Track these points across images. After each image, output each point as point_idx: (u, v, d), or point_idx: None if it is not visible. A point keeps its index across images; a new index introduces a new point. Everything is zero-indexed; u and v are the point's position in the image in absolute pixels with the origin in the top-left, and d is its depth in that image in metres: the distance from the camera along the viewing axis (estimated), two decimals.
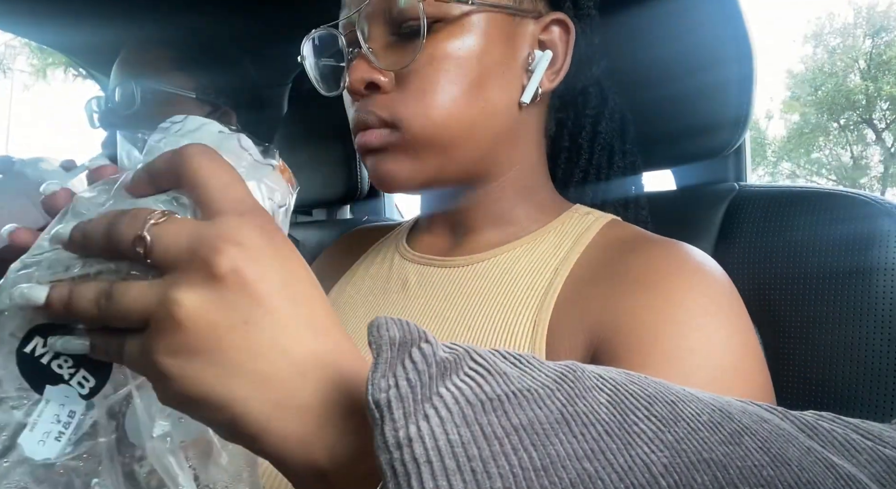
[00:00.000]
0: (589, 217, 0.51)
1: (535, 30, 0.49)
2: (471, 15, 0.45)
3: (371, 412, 0.20)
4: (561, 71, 0.50)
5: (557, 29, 0.50)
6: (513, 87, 0.48)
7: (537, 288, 0.46)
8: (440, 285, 0.50)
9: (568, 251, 0.47)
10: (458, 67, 0.45)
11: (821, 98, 17.20)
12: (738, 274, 0.55)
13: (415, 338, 0.22)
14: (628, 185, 0.58)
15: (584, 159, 0.56)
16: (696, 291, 0.40)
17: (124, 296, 0.25)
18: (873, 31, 16.74)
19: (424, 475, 0.18)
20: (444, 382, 0.21)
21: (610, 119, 0.56)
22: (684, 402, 0.22)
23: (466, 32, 0.45)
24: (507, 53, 0.47)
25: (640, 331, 0.38)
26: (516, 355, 0.23)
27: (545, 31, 0.50)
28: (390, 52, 0.46)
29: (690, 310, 0.39)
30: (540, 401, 0.20)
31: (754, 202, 0.58)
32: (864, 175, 17.34)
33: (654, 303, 0.39)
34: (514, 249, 0.50)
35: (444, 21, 0.45)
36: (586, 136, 0.56)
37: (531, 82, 0.48)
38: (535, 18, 0.49)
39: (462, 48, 0.45)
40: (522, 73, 0.49)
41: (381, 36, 0.47)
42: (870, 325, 0.48)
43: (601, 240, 0.48)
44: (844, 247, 0.51)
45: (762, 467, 0.19)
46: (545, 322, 0.43)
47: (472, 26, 0.46)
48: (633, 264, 0.43)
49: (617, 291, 0.42)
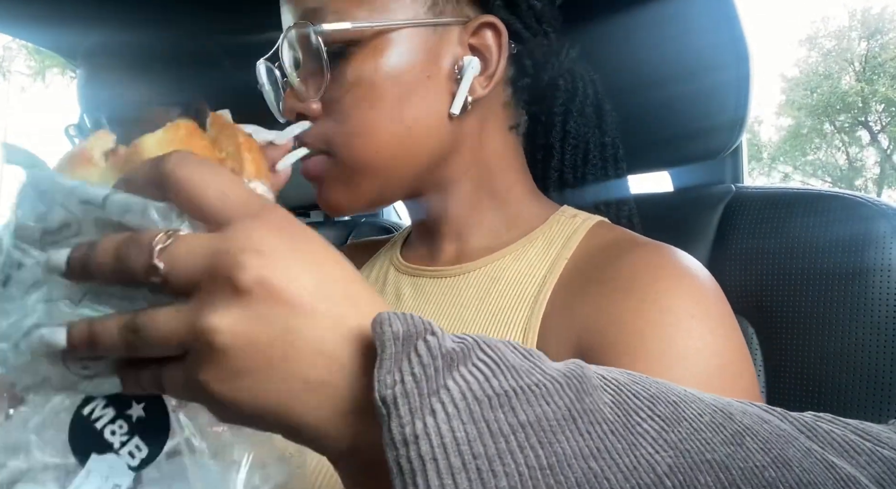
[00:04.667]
0: (576, 220, 0.51)
1: (463, 36, 0.47)
2: (386, 34, 0.44)
3: (377, 408, 0.20)
4: (495, 75, 0.48)
5: (488, 32, 0.48)
6: (440, 100, 0.46)
7: (527, 295, 0.46)
8: (433, 296, 0.50)
9: (556, 256, 0.47)
10: (373, 90, 0.44)
11: (816, 100, 17.27)
12: (734, 274, 0.56)
13: (419, 330, 0.22)
14: (612, 182, 0.57)
15: (556, 158, 0.55)
16: (682, 295, 0.40)
17: (153, 329, 0.24)
18: (868, 33, 16.82)
19: (430, 473, 0.18)
20: (451, 374, 0.21)
21: (580, 113, 0.55)
22: (686, 403, 0.22)
23: (381, 53, 0.44)
24: (430, 67, 0.46)
25: (627, 336, 0.39)
26: (525, 349, 0.23)
27: (475, 36, 0.47)
28: (315, 79, 0.46)
29: (677, 314, 0.39)
30: (548, 397, 0.20)
31: (751, 204, 0.58)
32: (860, 177, 17.40)
33: (640, 308, 0.39)
34: (503, 257, 0.49)
35: (359, 44, 0.44)
36: (557, 132, 0.55)
37: (459, 92, 0.46)
38: (462, 24, 0.47)
39: (377, 70, 0.44)
40: (450, 84, 0.47)
41: (309, 62, 0.46)
42: (866, 326, 0.49)
43: (589, 243, 0.48)
44: (841, 249, 0.51)
45: (764, 468, 0.20)
46: (535, 329, 0.43)
47: (387, 46, 0.44)
48: (619, 268, 0.43)
49: (604, 296, 0.42)
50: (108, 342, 0.25)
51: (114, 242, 0.25)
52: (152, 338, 0.24)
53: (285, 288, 0.23)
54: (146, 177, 0.26)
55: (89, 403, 0.27)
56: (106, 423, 0.27)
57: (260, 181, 0.31)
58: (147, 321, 0.24)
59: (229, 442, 0.29)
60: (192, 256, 0.24)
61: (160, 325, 0.24)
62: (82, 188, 0.26)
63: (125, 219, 0.26)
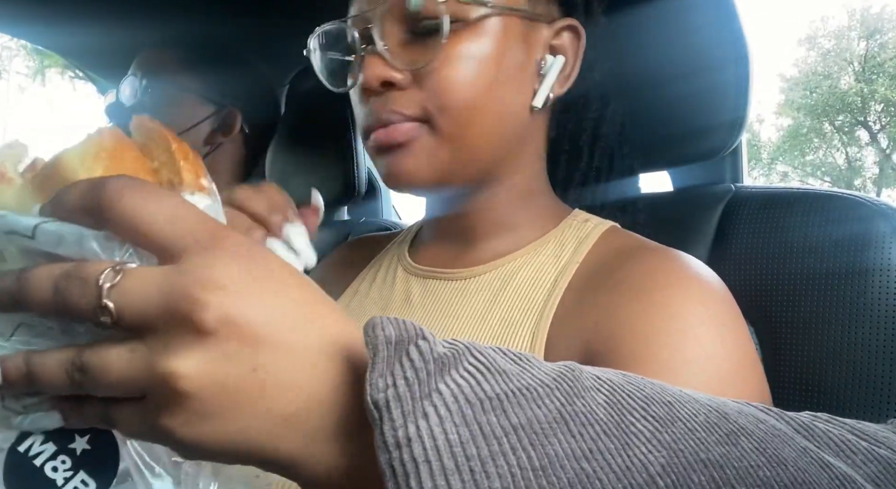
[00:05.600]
0: (588, 224, 0.51)
1: (548, 35, 0.49)
2: (488, 17, 0.46)
3: (370, 412, 0.20)
4: (571, 76, 0.50)
5: (568, 35, 0.50)
6: (525, 91, 0.48)
7: (537, 300, 0.46)
8: (443, 299, 0.50)
9: (567, 261, 0.47)
10: (475, 68, 0.45)
11: (815, 100, 17.28)
12: (734, 274, 0.56)
13: (411, 335, 0.22)
14: (625, 188, 0.58)
15: (584, 163, 0.56)
16: (692, 301, 0.40)
17: (104, 370, 0.22)
18: (867, 33, 16.83)
19: (423, 475, 0.18)
20: (443, 378, 0.21)
21: (611, 122, 0.57)
22: (681, 403, 0.22)
23: (484, 34, 0.46)
24: (522, 57, 0.48)
25: (637, 342, 0.38)
26: (516, 353, 0.23)
27: (557, 37, 0.50)
28: (406, 51, 0.46)
29: (687, 320, 0.39)
30: (539, 400, 0.20)
31: (750, 203, 0.58)
32: (859, 176, 17.42)
33: (650, 313, 0.39)
34: (514, 260, 0.50)
35: (463, 22, 0.45)
36: (587, 139, 0.56)
37: (543, 87, 0.48)
38: (549, 23, 0.49)
39: (479, 50, 0.45)
40: (535, 78, 0.49)
41: (396, 34, 0.46)
42: (866, 326, 0.49)
43: (600, 248, 0.48)
44: (840, 248, 0.51)
45: (759, 467, 0.20)
46: (543, 334, 0.43)
47: (489, 29, 0.46)
48: (630, 274, 0.43)
49: (614, 301, 0.41)
50: (48, 380, 0.23)
51: (50, 275, 0.23)
52: (103, 381, 0.22)
53: (251, 324, 0.22)
54: (79, 205, 0.23)
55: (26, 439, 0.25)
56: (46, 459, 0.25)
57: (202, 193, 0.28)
58: (96, 361, 0.22)
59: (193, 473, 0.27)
60: (145, 294, 0.22)
61: (112, 367, 0.22)
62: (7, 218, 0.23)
63: (59, 250, 0.23)
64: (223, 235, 0.23)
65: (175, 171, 0.28)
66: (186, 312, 0.21)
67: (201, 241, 0.23)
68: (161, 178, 0.28)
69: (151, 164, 0.28)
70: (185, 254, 0.23)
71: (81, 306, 0.22)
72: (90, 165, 0.26)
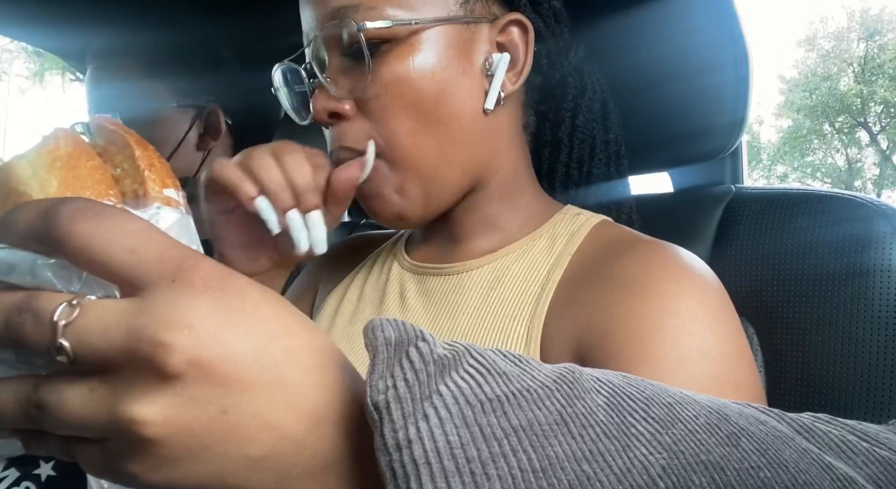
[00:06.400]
0: (580, 218, 0.51)
1: (492, 34, 0.48)
2: (421, 32, 0.44)
3: (370, 414, 0.20)
4: (523, 71, 0.49)
5: (515, 29, 0.49)
6: (474, 96, 0.47)
7: (530, 293, 0.46)
8: (438, 294, 0.50)
9: (560, 254, 0.47)
10: (412, 88, 0.44)
11: (815, 101, 17.29)
12: (734, 275, 0.56)
13: (411, 337, 0.22)
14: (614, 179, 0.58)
15: (564, 153, 0.56)
16: (686, 296, 0.39)
17: (62, 410, 0.20)
18: (867, 34, 16.84)
19: (424, 477, 0.18)
20: (443, 380, 0.21)
21: (588, 109, 0.56)
22: (682, 405, 0.22)
23: (417, 50, 0.44)
24: (464, 63, 0.46)
25: (631, 339, 0.38)
26: (515, 355, 0.23)
27: (502, 33, 0.49)
28: (347, 79, 0.46)
29: (681, 315, 0.38)
30: (539, 402, 0.20)
31: (751, 204, 0.58)
32: (859, 177, 17.42)
33: (643, 309, 0.39)
34: (507, 255, 0.50)
35: (393, 41, 0.44)
36: (566, 127, 0.55)
37: (493, 87, 0.47)
38: (490, 22, 0.48)
39: (415, 67, 0.44)
40: (483, 79, 0.48)
41: (336, 62, 0.47)
42: (866, 327, 0.49)
43: (592, 241, 0.48)
44: (841, 249, 0.51)
45: (759, 469, 0.20)
46: (539, 327, 0.43)
47: (422, 43, 0.45)
48: (623, 268, 0.43)
49: (607, 296, 0.41)
50: (3, 413, 0.22)
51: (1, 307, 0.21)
52: (60, 421, 0.21)
53: (221, 364, 0.20)
54: (29, 232, 0.21)
55: None
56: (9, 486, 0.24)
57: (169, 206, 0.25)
58: (53, 400, 0.21)
59: None
60: (105, 334, 0.20)
61: (71, 408, 0.20)
62: None
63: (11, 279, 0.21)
64: (190, 265, 0.21)
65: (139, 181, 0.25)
66: (150, 356, 0.19)
67: (166, 273, 0.21)
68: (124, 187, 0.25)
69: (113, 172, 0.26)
70: (149, 287, 0.21)
71: (34, 343, 0.21)
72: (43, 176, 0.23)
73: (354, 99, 0.46)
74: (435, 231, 0.55)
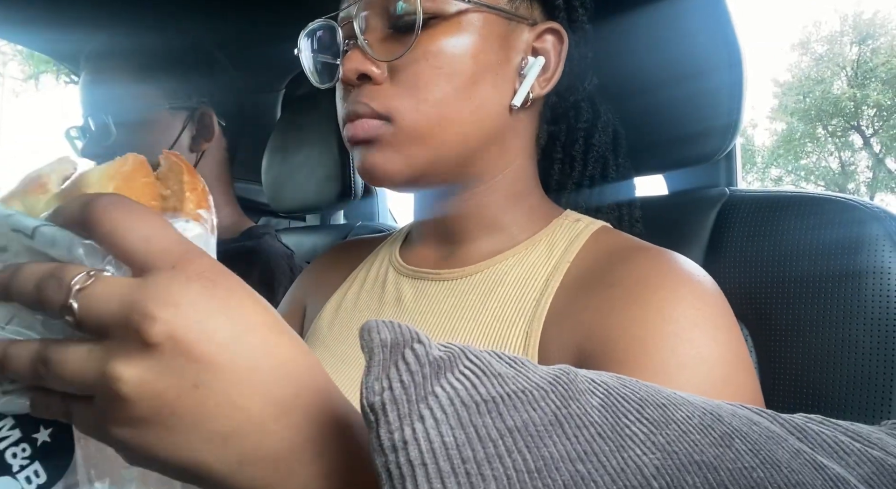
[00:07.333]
0: (579, 224, 0.51)
1: (530, 37, 0.50)
2: (467, 13, 0.46)
3: (366, 415, 0.20)
4: (552, 78, 0.51)
5: (551, 37, 0.50)
6: (504, 90, 0.48)
7: (529, 299, 0.46)
8: (435, 299, 0.50)
9: (558, 260, 0.47)
10: (451, 64, 0.45)
11: (809, 105, 17.39)
12: (728, 277, 0.56)
13: (407, 339, 0.22)
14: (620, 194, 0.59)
15: (577, 171, 0.57)
16: (685, 304, 0.40)
17: (62, 365, 0.24)
18: (859, 38, 16.96)
19: (419, 477, 0.18)
20: (438, 381, 0.21)
21: (603, 132, 0.57)
22: (675, 405, 0.22)
23: (462, 30, 0.46)
24: (501, 56, 0.48)
25: (631, 346, 0.38)
26: (511, 356, 0.23)
27: (539, 39, 0.50)
28: (386, 45, 0.47)
29: (680, 323, 0.39)
30: (534, 403, 0.20)
31: (745, 206, 0.58)
32: (852, 180, 17.52)
33: (643, 316, 0.39)
34: (505, 260, 0.50)
35: (441, 17, 0.45)
36: (579, 148, 0.56)
37: (523, 86, 0.49)
38: (531, 25, 0.50)
39: (457, 45, 0.46)
40: (515, 77, 0.49)
41: (378, 29, 0.47)
42: (859, 329, 0.49)
43: (591, 248, 0.48)
44: (834, 251, 0.51)
45: (752, 469, 0.20)
46: (537, 333, 0.43)
47: (468, 25, 0.46)
48: (622, 275, 0.43)
49: (606, 303, 0.41)
50: (18, 367, 0.25)
51: (36, 271, 0.25)
52: (60, 375, 0.24)
53: (196, 343, 0.23)
54: (73, 215, 0.26)
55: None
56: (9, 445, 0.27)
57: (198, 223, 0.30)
58: (57, 356, 0.24)
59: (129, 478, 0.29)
60: (107, 301, 0.23)
61: (69, 364, 0.24)
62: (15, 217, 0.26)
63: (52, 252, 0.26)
64: (192, 258, 0.25)
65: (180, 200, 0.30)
66: (137, 324, 0.22)
67: (169, 261, 0.24)
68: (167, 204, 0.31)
69: (164, 192, 0.31)
70: (153, 270, 0.24)
71: (52, 302, 0.24)
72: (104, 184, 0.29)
73: (388, 65, 0.46)
74: (434, 232, 0.55)
